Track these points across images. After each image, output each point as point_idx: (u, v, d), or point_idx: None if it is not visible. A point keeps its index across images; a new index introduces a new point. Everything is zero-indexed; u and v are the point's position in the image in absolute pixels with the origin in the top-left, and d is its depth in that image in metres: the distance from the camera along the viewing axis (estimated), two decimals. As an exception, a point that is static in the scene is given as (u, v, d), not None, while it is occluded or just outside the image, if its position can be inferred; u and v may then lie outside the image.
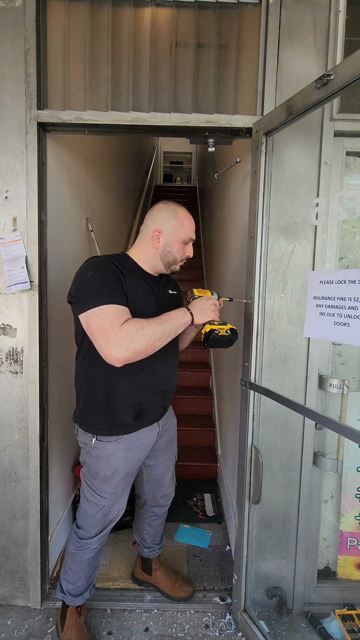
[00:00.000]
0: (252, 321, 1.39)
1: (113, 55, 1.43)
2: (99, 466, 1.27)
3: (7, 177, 1.44)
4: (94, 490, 1.29)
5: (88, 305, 1.08)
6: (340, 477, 1.57)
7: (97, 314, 1.07)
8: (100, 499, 1.29)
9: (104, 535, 1.37)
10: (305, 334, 1.25)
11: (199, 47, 1.43)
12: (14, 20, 1.38)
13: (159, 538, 1.66)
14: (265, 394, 1.31)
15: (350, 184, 1.47)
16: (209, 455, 2.72)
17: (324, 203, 1.32)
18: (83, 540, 1.35)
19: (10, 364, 1.50)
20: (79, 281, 1.13)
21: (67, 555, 1.39)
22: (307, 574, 1.54)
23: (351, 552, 1.58)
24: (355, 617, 1.49)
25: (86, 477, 1.31)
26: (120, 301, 1.11)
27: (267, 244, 1.39)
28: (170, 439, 1.49)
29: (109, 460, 1.26)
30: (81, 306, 1.10)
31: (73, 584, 1.39)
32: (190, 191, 7.03)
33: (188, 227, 1.26)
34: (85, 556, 1.36)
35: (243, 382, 1.43)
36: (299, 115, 1.19)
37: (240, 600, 1.50)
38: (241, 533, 1.48)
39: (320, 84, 1.05)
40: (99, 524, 1.33)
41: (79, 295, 1.11)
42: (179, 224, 1.24)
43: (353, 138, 1.39)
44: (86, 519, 1.33)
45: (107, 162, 2.95)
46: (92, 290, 1.09)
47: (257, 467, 1.38)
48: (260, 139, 1.33)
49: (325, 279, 1.17)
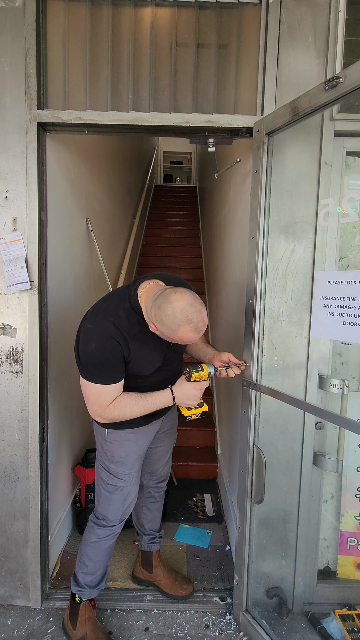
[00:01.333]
0: (254, 321, 1.39)
1: (113, 55, 1.43)
2: (114, 449, 1.37)
3: (7, 177, 1.43)
4: (112, 473, 1.38)
5: (85, 376, 1.19)
6: (340, 477, 1.57)
7: (90, 388, 1.20)
8: (119, 480, 1.38)
9: (123, 522, 1.45)
10: (312, 334, 1.26)
11: (199, 47, 1.43)
12: (14, 20, 1.38)
13: (157, 525, 1.69)
14: (270, 394, 1.32)
15: (350, 184, 1.46)
16: (209, 455, 2.72)
17: (333, 204, 1.33)
18: (105, 528, 1.41)
19: (10, 364, 1.50)
20: (83, 349, 1.17)
21: (87, 547, 1.43)
22: (307, 574, 1.53)
23: (351, 552, 1.58)
24: (355, 617, 1.49)
25: (102, 461, 1.40)
26: (115, 380, 1.20)
27: (268, 243, 1.39)
28: (172, 425, 1.59)
29: (121, 443, 1.37)
30: (80, 371, 1.20)
31: (92, 574, 1.44)
32: (190, 191, 7.03)
33: (183, 341, 1.09)
34: (107, 544, 1.43)
35: (245, 383, 1.43)
36: (304, 117, 1.19)
37: (242, 600, 1.51)
38: (243, 533, 1.48)
39: (329, 86, 1.06)
40: (119, 509, 1.41)
41: (81, 362, 1.18)
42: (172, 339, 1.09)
43: (353, 138, 1.39)
44: (106, 506, 1.40)
45: (107, 162, 2.95)
46: (92, 367, 1.17)
47: (260, 466, 1.38)
48: (262, 138, 1.33)
49: (334, 279, 1.19)
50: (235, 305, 2.03)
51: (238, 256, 2.01)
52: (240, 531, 1.49)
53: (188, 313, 1.03)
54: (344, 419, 1.12)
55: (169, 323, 1.04)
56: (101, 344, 1.15)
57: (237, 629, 1.52)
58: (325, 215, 1.34)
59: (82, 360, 1.18)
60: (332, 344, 1.49)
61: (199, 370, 1.24)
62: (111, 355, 1.16)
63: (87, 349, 1.16)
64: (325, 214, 1.34)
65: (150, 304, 1.11)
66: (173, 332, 1.05)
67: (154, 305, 1.08)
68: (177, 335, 1.06)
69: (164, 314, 1.04)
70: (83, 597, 1.45)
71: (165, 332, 1.07)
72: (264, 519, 1.51)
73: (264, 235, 1.37)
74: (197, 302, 1.07)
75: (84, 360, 1.18)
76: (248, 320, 1.43)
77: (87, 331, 1.18)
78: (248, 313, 1.43)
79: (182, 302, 1.04)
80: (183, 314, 1.03)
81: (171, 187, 7.57)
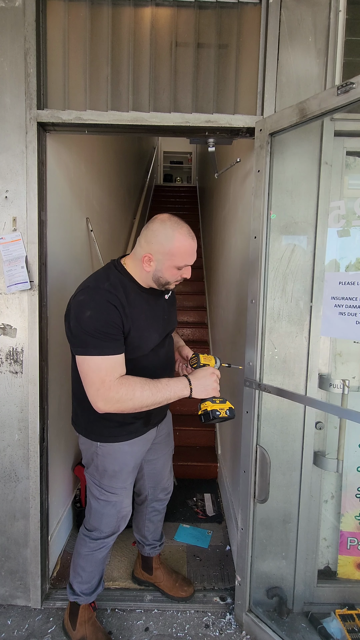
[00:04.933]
0: (257, 321, 1.39)
1: (113, 55, 1.43)
2: (107, 463, 1.26)
3: (7, 177, 1.43)
4: (104, 488, 1.29)
5: (82, 350, 1.06)
6: (340, 477, 1.57)
7: (89, 363, 1.06)
8: (111, 495, 1.29)
9: (117, 533, 1.38)
10: (322, 334, 1.29)
11: (199, 46, 1.43)
12: (13, 20, 1.38)
13: (159, 534, 1.66)
14: (278, 394, 1.32)
15: (350, 184, 1.46)
16: (209, 455, 2.72)
17: (344, 207, 1.33)
18: (98, 541, 1.35)
19: (10, 364, 1.50)
20: (77, 318, 1.06)
21: (79, 559, 1.37)
22: (307, 573, 1.53)
23: (351, 552, 1.58)
24: (356, 617, 1.49)
25: (93, 476, 1.30)
26: (116, 350, 1.07)
27: (269, 243, 1.39)
28: (168, 432, 1.52)
29: (115, 455, 1.26)
30: (75, 347, 1.08)
31: (87, 583, 1.40)
32: (190, 191, 7.03)
33: (183, 256, 1.11)
34: (100, 555, 1.38)
35: (248, 383, 1.43)
36: (313, 119, 1.20)
37: (244, 601, 1.50)
38: (245, 534, 1.47)
39: (341, 91, 1.07)
40: (112, 522, 1.33)
41: (75, 334, 1.08)
42: (173, 252, 1.10)
43: (353, 138, 1.39)
44: (99, 519, 1.32)
45: (107, 162, 2.95)
46: (88, 337, 1.05)
47: (264, 465, 1.38)
48: (266, 138, 1.33)
49: (345, 280, 1.22)
50: (235, 305, 2.03)
51: (238, 256, 2.01)
52: (243, 532, 1.49)
53: (174, 220, 1.09)
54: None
55: (163, 235, 1.07)
56: (97, 310, 1.05)
57: (238, 628, 1.52)
58: (335, 217, 1.36)
59: (75, 332, 1.06)
60: (332, 344, 1.50)
61: (205, 355, 1.25)
62: (109, 319, 1.06)
63: (82, 317, 1.05)
64: (336, 216, 1.35)
65: (138, 250, 1.14)
66: (170, 242, 1.07)
67: (142, 244, 1.12)
68: (175, 244, 1.07)
69: (154, 232, 1.08)
70: (80, 603, 1.42)
71: (161, 248, 1.09)
72: (264, 519, 1.51)
73: (267, 235, 1.37)
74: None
75: (78, 331, 1.05)
76: (250, 320, 1.42)
77: (79, 303, 1.08)
78: (250, 313, 1.42)
79: (162, 215, 1.11)
80: (171, 220, 1.08)
81: (171, 187, 7.57)
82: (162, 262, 1.12)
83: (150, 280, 1.19)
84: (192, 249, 1.12)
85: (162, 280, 1.16)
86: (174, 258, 1.11)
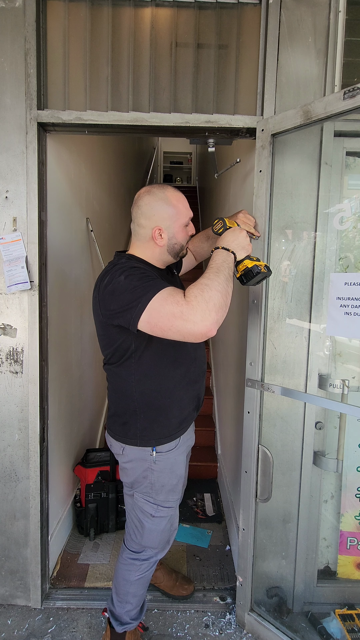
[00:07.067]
0: (259, 321, 1.39)
1: (113, 55, 1.43)
2: (165, 478, 1.22)
3: (7, 177, 1.44)
4: (160, 505, 1.23)
5: (140, 306, 0.97)
6: (340, 477, 1.57)
7: (153, 307, 0.96)
8: (167, 510, 1.25)
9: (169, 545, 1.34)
10: (327, 333, 1.32)
11: (198, 47, 1.43)
12: (14, 20, 1.38)
13: None
14: (284, 393, 1.33)
15: (350, 184, 1.47)
16: (209, 455, 2.72)
17: (349, 208, 1.35)
18: (150, 560, 1.30)
19: (11, 364, 1.50)
20: (116, 291, 1.01)
21: (129, 586, 1.30)
22: (307, 573, 1.54)
23: (351, 552, 1.59)
24: (355, 617, 1.49)
25: (148, 494, 1.23)
26: (165, 284, 1.01)
27: (270, 243, 1.39)
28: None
29: (172, 468, 1.23)
30: (133, 312, 0.98)
31: (137, 606, 1.34)
32: (190, 191, 7.02)
33: (184, 210, 1.16)
34: (151, 573, 1.34)
35: (250, 383, 1.43)
36: (318, 122, 1.21)
37: (246, 601, 1.50)
38: (247, 534, 1.47)
39: (347, 96, 1.08)
40: (165, 537, 1.30)
41: (125, 303, 0.99)
42: (175, 210, 1.13)
43: (353, 138, 1.39)
44: (153, 538, 1.27)
45: (107, 162, 2.95)
46: (136, 289, 0.98)
47: (267, 465, 1.38)
48: (268, 139, 1.34)
49: (351, 281, 1.25)
50: (235, 305, 2.03)
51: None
52: (245, 532, 1.48)
53: (156, 186, 1.16)
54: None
55: (159, 203, 1.12)
56: (129, 271, 1.03)
57: (238, 628, 1.52)
58: (340, 219, 1.38)
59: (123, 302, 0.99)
60: (332, 344, 1.50)
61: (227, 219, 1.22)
62: (143, 271, 1.04)
63: (119, 284, 1.01)
64: (340, 218, 1.37)
65: (142, 232, 1.16)
66: (168, 203, 1.13)
67: (144, 223, 1.14)
68: (173, 202, 1.13)
69: (149, 205, 1.12)
70: (131, 629, 1.35)
71: (165, 213, 1.12)
72: (264, 519, 1.51)
73: (269, 235, 1.37)
74: None
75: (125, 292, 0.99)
76: (252, 321, 1.42)
77: (109, 281, 1.04)
78: (252, 313, 1.42)
79: (142, 190, 1.17)
80: (154, 188, 1.15)
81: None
82: (172, 227, 1.15)
83: (166, 254, 1.19)
84: (186, 200, 1.19)
85: (177, 246, 1.18)
86: (179, 215, 1.15)
